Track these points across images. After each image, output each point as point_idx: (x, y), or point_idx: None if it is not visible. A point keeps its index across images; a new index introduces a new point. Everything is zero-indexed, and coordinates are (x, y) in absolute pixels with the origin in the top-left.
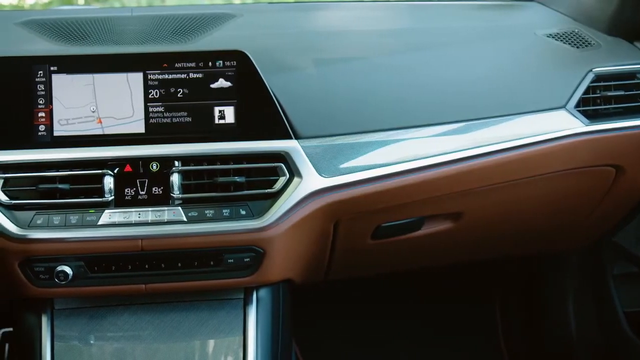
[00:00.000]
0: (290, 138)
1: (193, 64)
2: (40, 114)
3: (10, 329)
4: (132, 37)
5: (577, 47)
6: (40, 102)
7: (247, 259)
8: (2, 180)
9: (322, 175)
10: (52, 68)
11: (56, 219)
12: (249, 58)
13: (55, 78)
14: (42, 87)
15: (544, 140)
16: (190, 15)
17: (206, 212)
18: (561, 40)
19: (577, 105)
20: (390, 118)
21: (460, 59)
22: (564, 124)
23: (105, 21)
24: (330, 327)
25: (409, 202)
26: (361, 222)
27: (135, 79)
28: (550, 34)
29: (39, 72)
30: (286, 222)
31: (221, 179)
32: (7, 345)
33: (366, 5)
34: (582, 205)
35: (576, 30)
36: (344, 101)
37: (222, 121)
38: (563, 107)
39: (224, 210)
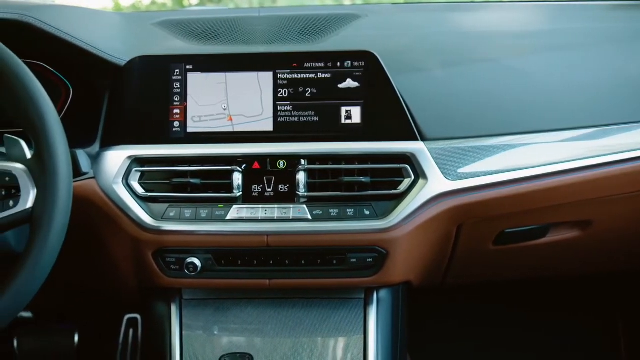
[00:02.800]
0: (417, 139)
1: (322, 64)
2: (175, 111)
3: (134, 315)
4: (261, 37)
5: None
6: (176, 99)
7: (370, 259)
8: (139, 174)
9: (447, 178)
10: (187, 66)
11: (187, 212)
12: (377, 58)
13: (190, 76)
14: (178, 84)
15: None
16: (315, 15)
17: (330, 211)
18: None
19: None
20: (518, 121)
21: (592, 61)
22: None
23: (235, 21)
24: (443, 335)
25: (535, 208)
26: (484, 227)
27: (266, 78)
28: None
29: (176, 71)
30: (410, 223)
31: (346, 179)
32: (131, 331)
33: (493, 5)
34: None
35: None
36: (470, 103)
37: (348, 121)
38: None
39: (348, 210)
